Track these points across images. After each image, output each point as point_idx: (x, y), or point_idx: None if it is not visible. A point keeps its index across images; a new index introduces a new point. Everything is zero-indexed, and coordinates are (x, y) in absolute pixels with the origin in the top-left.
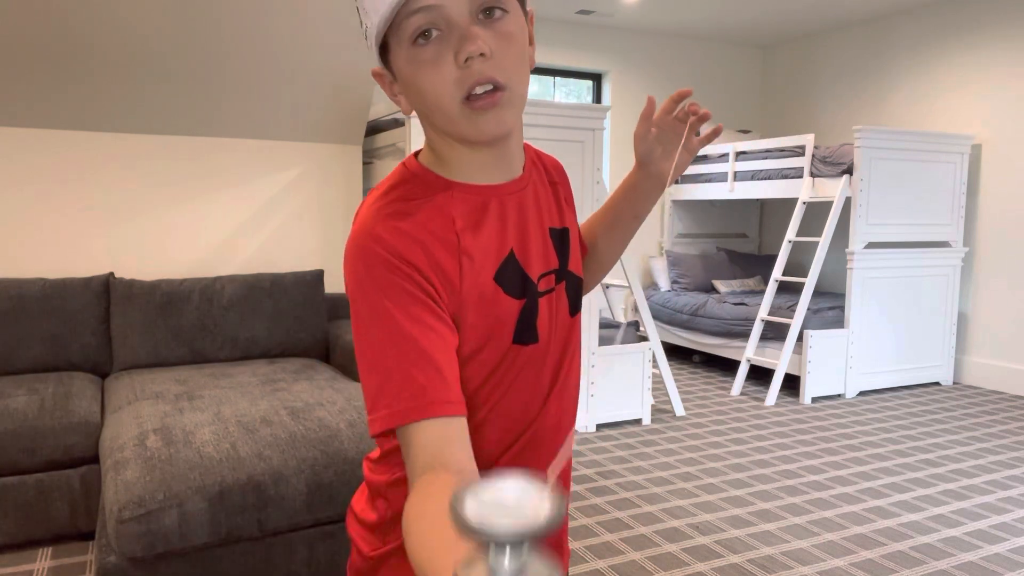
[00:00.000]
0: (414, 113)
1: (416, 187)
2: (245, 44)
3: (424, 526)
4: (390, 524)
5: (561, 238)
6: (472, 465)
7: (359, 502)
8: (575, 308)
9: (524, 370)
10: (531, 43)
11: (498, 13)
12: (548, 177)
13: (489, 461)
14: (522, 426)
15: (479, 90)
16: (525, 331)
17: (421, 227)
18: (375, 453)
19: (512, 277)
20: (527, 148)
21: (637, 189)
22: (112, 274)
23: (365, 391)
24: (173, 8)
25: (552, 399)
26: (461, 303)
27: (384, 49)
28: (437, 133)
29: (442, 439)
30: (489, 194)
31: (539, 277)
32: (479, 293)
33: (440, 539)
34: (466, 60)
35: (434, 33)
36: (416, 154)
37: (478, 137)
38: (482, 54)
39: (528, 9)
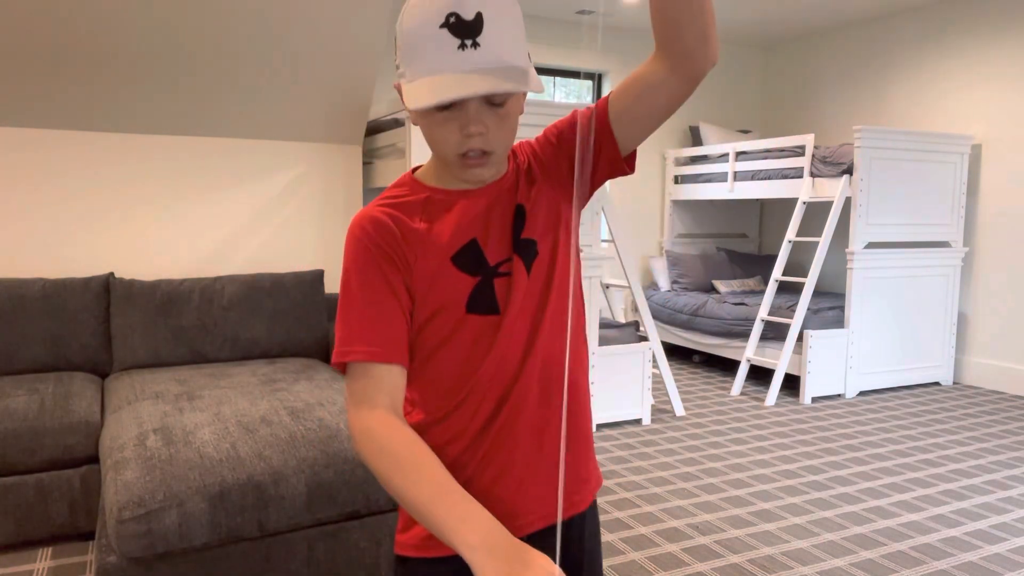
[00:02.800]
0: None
1: (403, 190)
2: (245, 44)
3: (413, 471)
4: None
5: (518, 215)
6: (392, 406)
7: None
8: (528, 267)
9: (487, 337)
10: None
11: (500, 99)
12: (519, 166)
13: (475, 432)
14: (500, 391)
15: (472, 154)
16: (479, 303)
17: (395, 219)
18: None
19: (468, 260)
20: (513, 150)
21: None
22: (112, 274)
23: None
24: (173, 8)
25: (529, 365)
26: (416, 278)
27: None
28: (436, 156)
29: (371, 379)
30: (459, 197)
31: (499, 262)
32: (433, 271)
33: (424, 480)
34: (468, 135)
35: (451, 107)
36: (415, 168)
37: (466, 180)
38: (480, 133)
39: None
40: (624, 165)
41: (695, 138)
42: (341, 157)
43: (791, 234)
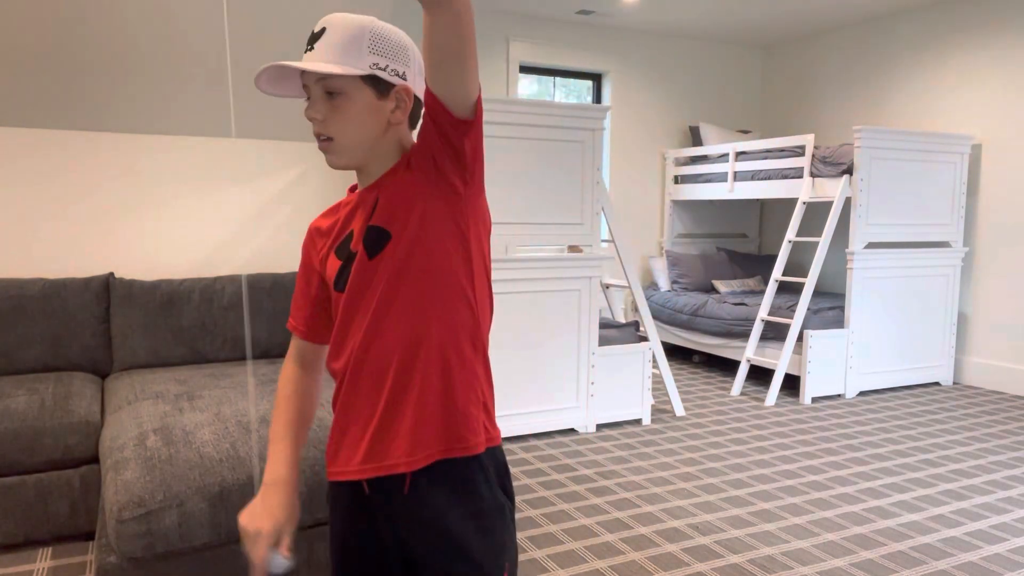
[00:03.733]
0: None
1: (350, 193)
2: (246, 44)
3: (276, 405)
4: None
5: (374, 204)
6: (300, 364)
7: None
8: (371, 253)
9: (349, 311)
10: (400, 108)
11: (333, 88)
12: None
13: (337, 391)
14: (358, 354)
15: (321, 138)
16: (338, 282)
17: (323, 220)
18: None
19: (343, 247)
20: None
21: None
22: (112, 274)
23: None
24: (173, 9)
25: (367, 337)
26: (317, 263)
27: None
28: None
29: (298, 345)
30: (358, 194)
31: (356, 251)
32: (321, 257)
33: (274, 420)
34: (310, 119)
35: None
36: None
37: (329, 165)
38: (314, 119)
39: (397, 88)
40: (462, 122)
41: (695, 138)
42: None
43: (791, 234)
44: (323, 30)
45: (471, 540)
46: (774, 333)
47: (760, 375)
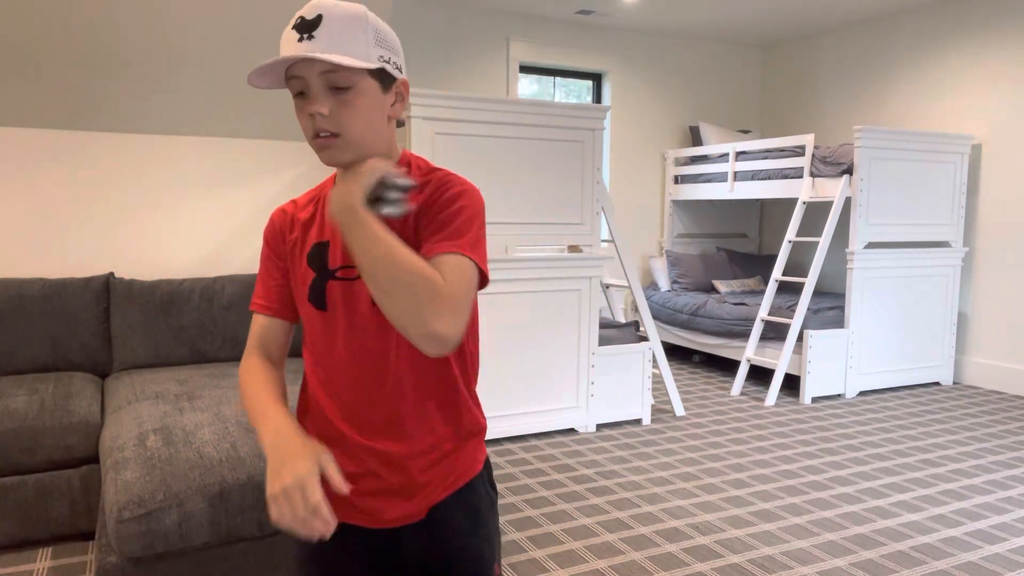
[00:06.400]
0: (406, 115)
1: (317, 188)
2: (245, 44)
3: (247, 389)
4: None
5: None
6: (261, 347)
7: None
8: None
9: (324, 330)
10: (399, 102)
11: (341, 83)
12: (423, 196)
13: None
14: (335, 378)
15: (322, 134)
16: (314, 297)
17: (293, 208)
18: None
19: (315, 256)
20: (420, 168)
21: None
22: (112, 274)
23: None
24: (174, 9)
25: (351, 370)
26: (286, 258)
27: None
28: None
29: (260, 328)
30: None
31: (338, 267)
32: (294, 257)
33: (253, 398)
34: (312, 115)
35: (302, 95)
36: None
37: (325, 163)
38: (320, 113)
39: (398, 82)
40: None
41: (695, 138)
42: None
43: (791, 234)
44: (319, 17)
45: (479, 544)
46: (774, 333)
47: (760, 375)
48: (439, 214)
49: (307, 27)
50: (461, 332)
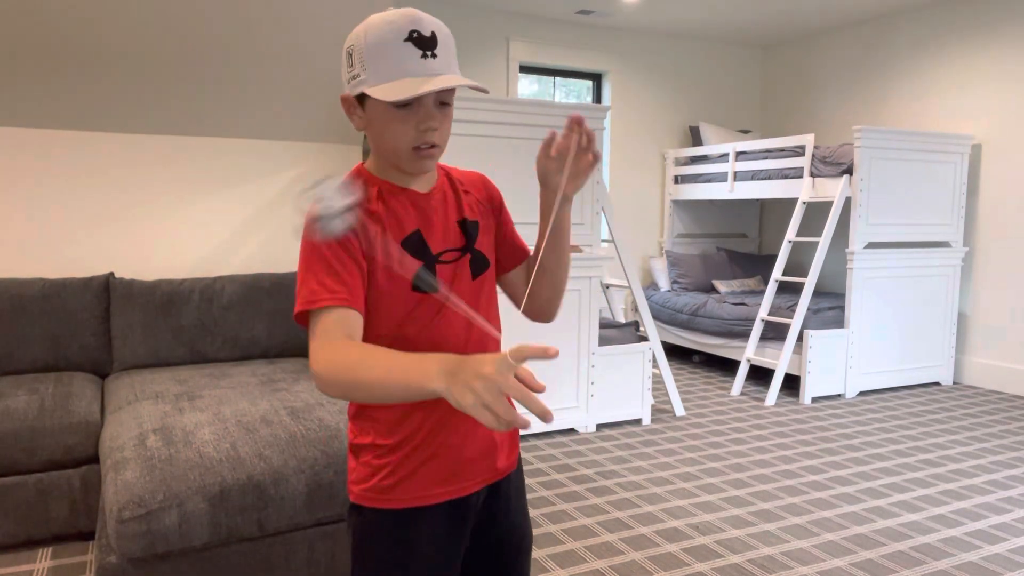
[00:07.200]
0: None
1: (358, 179)
2: (245, 44)
3: (368, 359)
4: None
5: (469, 227)
6: (351, 339)
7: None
8: (476, 273)
9: (432, 313)
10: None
11: (448, 98)
12: (461, 187)
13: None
14: (440, 347)
15: (425, 146)
16: (422, 282)
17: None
18: (351, 408)
19: (414, 246)
20: (445, 169)
21: (543, 206)
22: (112, 274)
23: (296, 296)
24: (174, 9)
25: (471, 345)
26: (368, 248)
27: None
28: (382, 154)
29: (338, 319)
30: (402, 192)
31: (440, 251)
32: (384, 249)
33: (387, 356)
34: (424, 130)
35: (408, 106)
36: (364, 162)
37: (416, 171)
38: (435, 128)
39: None
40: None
41: (695, 138)
42: (340, 157)
43: (791, 234)
44: (434, 35)
45: (523, 522)
46: (774, 333)
47: (760, 375)
48: (511, 224)
49: (429, 44)
50: None
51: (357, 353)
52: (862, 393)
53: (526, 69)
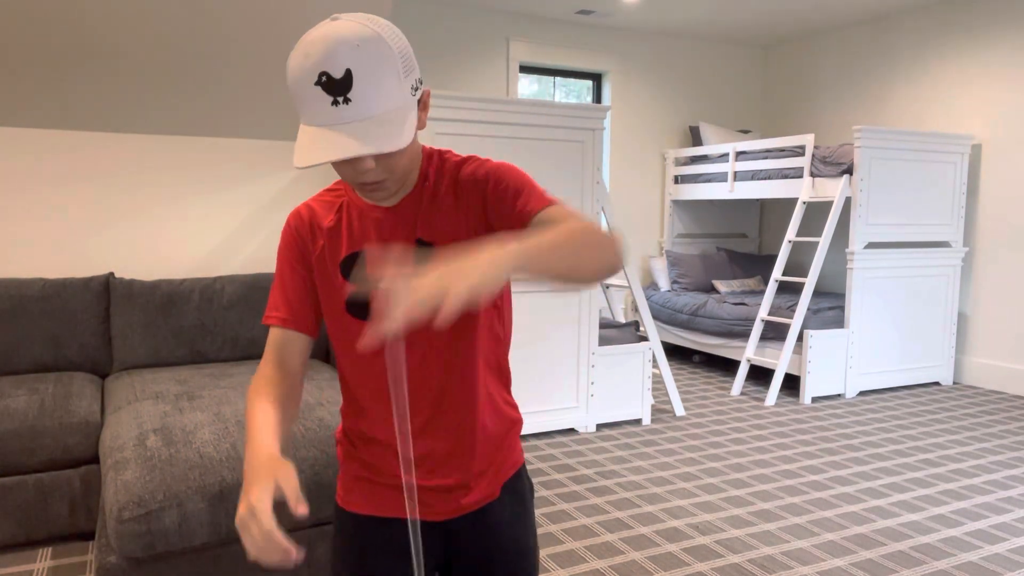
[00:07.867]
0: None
1: (335, 191)
2: (245, 44)
3: (249, 425)
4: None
5: (420, 251)
6: (280, 362)
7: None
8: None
9: (376, 350)
10: (424, 112)
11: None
12: (457, 189)
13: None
14: (434, 398)
15: (368, 184)
16: (353, 308)
17: (311, 214)
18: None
19: (349, 268)
20: (444, 167)
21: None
22: (112, 274)
23: None
24: (174, 9)
25: (411, 374)
26: (313, 267)
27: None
28: None
29: (278, 341)
30: (370, 208)
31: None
32: (324, 267)
33: (248, 422)
34: (360, 173)
35: None
36: None
37: (372, 200)
38: (368, 170)
39: (424, 92)
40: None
41: (695, 138)
42: None
43: (791, 234)
44: (348, 74)
45: (526, 536)
46: (774, 333)
47: (760, 375)
48: (506, 189)
49: (338, 88)
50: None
51: (250, 411)
52: (862, 393)
53: (526, 69)
